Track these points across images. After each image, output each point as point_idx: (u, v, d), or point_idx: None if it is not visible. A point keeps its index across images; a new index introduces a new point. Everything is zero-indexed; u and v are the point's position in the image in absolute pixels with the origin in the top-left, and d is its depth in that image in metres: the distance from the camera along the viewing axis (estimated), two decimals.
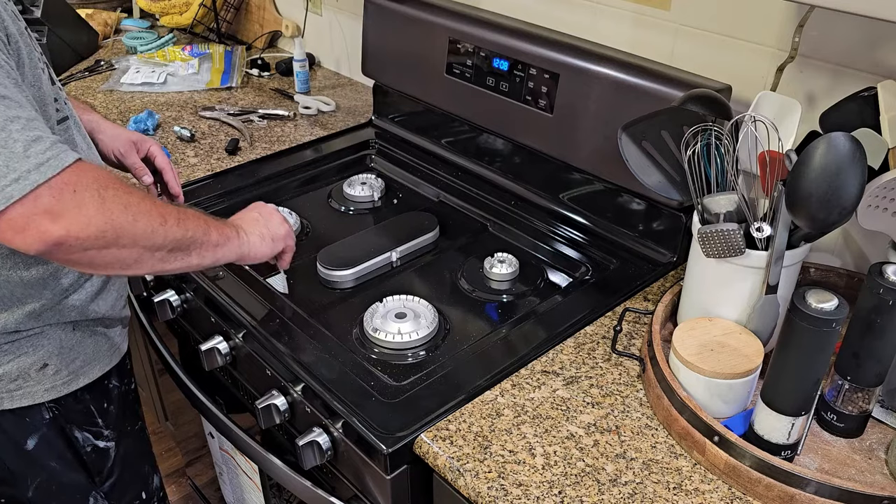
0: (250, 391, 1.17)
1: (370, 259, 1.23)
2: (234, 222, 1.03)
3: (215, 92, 1.85)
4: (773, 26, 1.08)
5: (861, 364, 0.85)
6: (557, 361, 1.01)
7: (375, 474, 0.92)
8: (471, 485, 0.84)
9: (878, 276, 0.81)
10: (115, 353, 1.08)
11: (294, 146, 1.58)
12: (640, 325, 1.08)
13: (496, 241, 1.32)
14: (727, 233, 0.90)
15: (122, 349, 1.11)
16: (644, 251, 1.22)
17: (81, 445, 1.07)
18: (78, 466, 1.07)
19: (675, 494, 0.82)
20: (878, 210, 0.91)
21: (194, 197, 1.38)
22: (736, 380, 0.88)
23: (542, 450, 0.88)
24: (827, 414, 0.90)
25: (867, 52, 1.00)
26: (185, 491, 1.98)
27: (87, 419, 1.07)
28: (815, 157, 0.82)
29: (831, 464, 0.86)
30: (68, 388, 1.01)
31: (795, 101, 0.96)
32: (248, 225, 1.04)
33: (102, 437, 1.09)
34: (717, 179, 0.97)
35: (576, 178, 1.30)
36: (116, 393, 1.11)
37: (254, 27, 2.11)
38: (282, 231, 1.08)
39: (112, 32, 2.16)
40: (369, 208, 1.43)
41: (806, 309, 0.77)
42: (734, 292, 0.95)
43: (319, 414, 0.98)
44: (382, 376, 1.00)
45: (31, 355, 0.96)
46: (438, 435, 0.89)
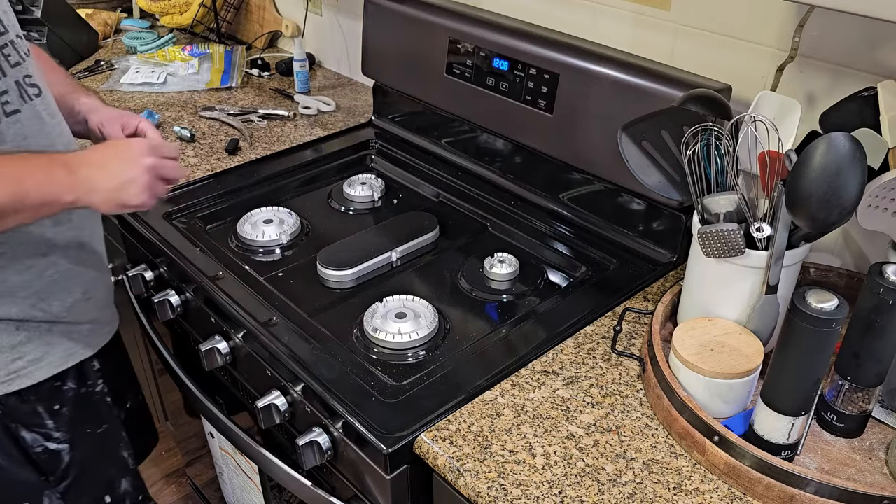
0: (250, 391, 1.17)
1: (370, 259, 1.23)
2: (81, 171, 0.91)
3: (215, 92, 1.85)
4: (773, 26, 1.08)
5: (861, 364, 0.85)
6: (557, 361, 1.01)
7: (375, 474, 0.92)
8: (471, 485, 0.84)
9: (878, 276, 0.80)
10: (72, 356, 1.06)
11: (294, 146, 1.58)
12: (640, 325, 1.08)
13: (496, 241, 1.32)
14: (727, 233, 0.90)
15: (83, 353, 1.08)
16: (644, 251, 1.22)
17: (30, 445, 1.05)
18: (27, 465, 1.06)
19: (675, 494, 0.82)
20: (878, 210, 0.91)
21: (194, 197, 1.38)
22: (736, 380, 0.88)
23: (542, 450, 0.88)
24: (827, 414, 0.90)
25: (867, 52, 1.00)
26: (185, 491, 1.98)
27: (34, 420, 1.05)
28: (815, 157, 0.82)
29: (831, 464, 0.86)
30: (7, 389, 0.99)
31: (795, 101, 0.96)
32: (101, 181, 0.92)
33: (52, 438, 1.07)
34: (717, 179, 0.97)
35: (576, 178, 1.30)
36: (73, 395, 1.09)
37: (254, 27, 2.11)
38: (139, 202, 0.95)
39: (112, 32, 2.16)
40: (369, 208, 1.43)
41: (806, 309, 0.77)
42: (734, 292, 0.95)
43: (319, 414, 0.98)
44: (382, 376, 1.00)
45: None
46: (438, 435, 0.89)
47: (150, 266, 1.32)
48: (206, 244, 1.26)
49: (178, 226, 1.31)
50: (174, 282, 1.27)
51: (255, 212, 1.35)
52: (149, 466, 2.06)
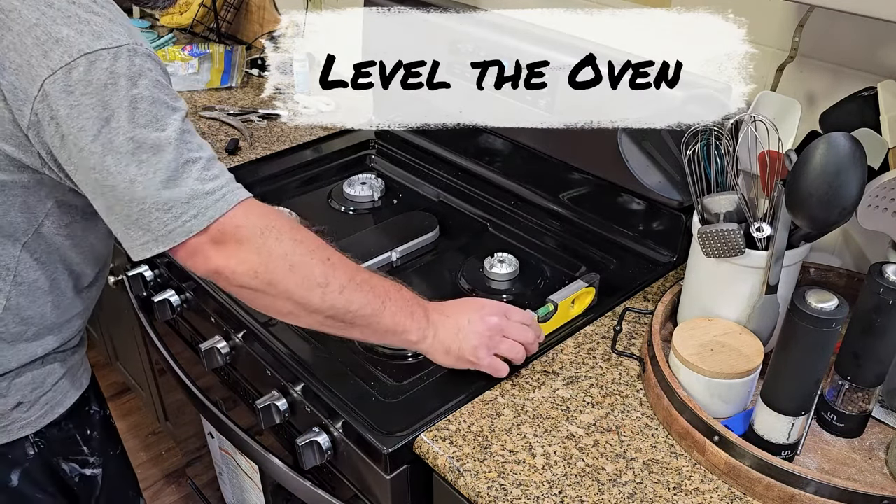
0: (250, 391, 1.17)
1: (370, 259, 1.23)
2: (432, 315, 0.93)
3: (215, 92, 1.85)
4: (773, 26, 1.08)
5: (861, 364, 0.85)
6: (557, 361, 1.01)
7: (375, 474, 0.92)
8: (471, 485, 0.84)
9: (878, 276, 0.80)
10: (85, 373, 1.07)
11: (294, 146, 1.58)
12: (640, 325, 1.08)
13: (496, 241, 1.32)
14: (727, 233, 0.90)
15: (88, 369, 1.09)
16: (644, 251, 1.22)
17: (69, 476, 1.06)
18: (64, 498, 1.06)
19: (675, 494, 0.82)
20: (878, 210, 0.91)
21: None
22: (736, 380, 0.88)
23: (542, 450, 0.88)
24: (827, 414, 0.90)
25: (867, 52, 1.00)
26: (185, 491, 1.98)
27: (73, 448, 1.05)
28: (815, 157, 0.82)
29: (831, 464, 0.86)
30: (46, 420, 0.99)
31: (795, 101, 0.96)
32: (444, 329, 0.92)
33: (89, 464, 1.08)
34: (717, 179, 0.97)
35: (576, 178, 1.30)
36: (98, 418, 1.10)
37: (254, 27, 2.11)
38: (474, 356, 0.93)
39: None
40: (369, 208, 1.43)
41: (806, 309, 0.77)
42: (734, 292, 0.95)
43: (319, 414, 0.98)
44: (382, 376, 1.00)
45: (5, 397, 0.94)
46: (438, 435, 0.89)
47: (150, 266, 1.32)
48: None
49: None
50: (174, 282, 1.27)
51: None
52: (149, 467, 2.06)
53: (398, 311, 0.89)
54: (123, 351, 1.93)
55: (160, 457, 2.09)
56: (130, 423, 2.16)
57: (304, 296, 0.83)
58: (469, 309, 0.95)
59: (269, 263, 0.80)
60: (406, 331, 0.90)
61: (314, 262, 0.83)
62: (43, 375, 0.98)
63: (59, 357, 1.00)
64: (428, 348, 0.92)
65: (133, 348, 1.77)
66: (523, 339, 0.95)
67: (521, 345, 0.95)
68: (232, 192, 0.81)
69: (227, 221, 0.80)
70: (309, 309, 0.84)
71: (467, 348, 0.92)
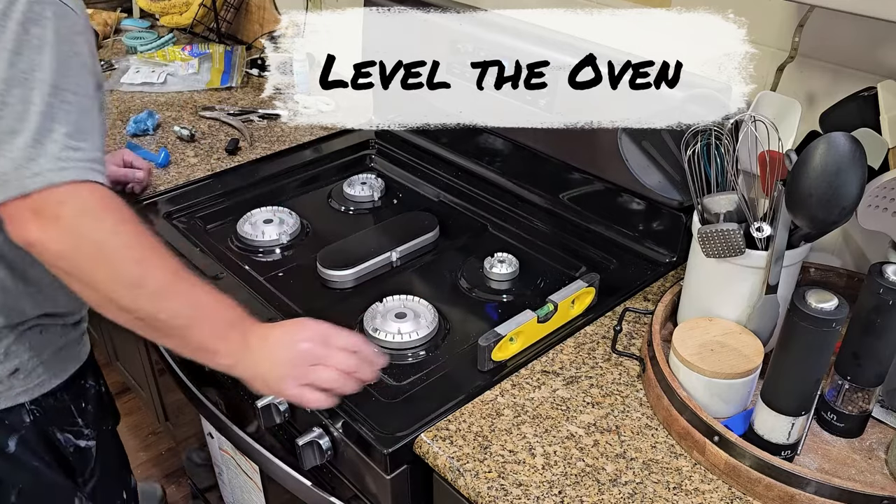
0: (250, 391, 1.17)
1: (370, 259, 1.23)
2: (251, 339, 0.85)
3: (215, 92, 1.85)
4: (773, 26, 1.08)
5: (861, 364, 0.85)
6: (557, 361, 1.01)
7: (375, 474, 0.92)
8: (471, 485, 0.84)
9: (878, 276, 0.80)
10: (83, 348, 1.09)
11: (294, 146, 1.58)
12: (640, 325, 1.08)
13: (496, 241, 1.32)
14: (727, 233, 0.90)
15: (87, 345, 1.11)
16: (644, 251, 1.22)
17: (64, 447, 1.08)
18: (59, 468, 1.08)
19: (675, 494, 0.82)
20: (878, 210, 0.91)
21: (194, 197, 1.38)
22: (736, 380, 0.88)
23: (542, 450, 0.88)
24: (827, 414, 0.90)
25: (867, 52, 1.00)
26: (185, 491, 1.98)
27: (68, 419, 1.07)
28: (815, 157, 0.82)
29: (831, 464, 0.86)
30: (42, 389, 1.02)
31: (795, 101, 0.96)
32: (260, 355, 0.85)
33: (83, 436, 1.10)
34: (717, 179, 0.97)
35: (576, 178, 1.30)
36: (93, 392, 1.12)
37: (254, 27, 2.11)
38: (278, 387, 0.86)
39: (112, 32, 2.16)
40: (369, 208, 1.43)
41: (806, 309, 0.77)
42: (734, 292, 0.95)
43: (319, 414, 0.98)
44: (382, 376, 0.99)
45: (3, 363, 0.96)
46: (438, 435, 0.89)
47: None
48: (206, 244, 1.26)
49: (178, 226, 1.31)
50: None
51: (255, 212, 1.35)
52: (149, 466, 2.06)
53: (211, 330, 0.83)
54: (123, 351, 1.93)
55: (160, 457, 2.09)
56: (130, 423, 2.16)
57: (112, 290, 0.78)
58: (287, 333, 0.87)
59: (80, 248, 0.76)
60: (216, 352, 0.83)
61: (128, 260, 0.78)
62: (41, 345, 1.00)
63: (59, 331, 1.03)
64: (242, 374, 0.86)
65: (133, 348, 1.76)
66: (345, 366, 0.86)
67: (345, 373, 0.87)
68: (80, 168, 0.77)
69: (53, 194, 0.75)
70: (118, 306, 0.79)
71: (274, 378, 0.85)
